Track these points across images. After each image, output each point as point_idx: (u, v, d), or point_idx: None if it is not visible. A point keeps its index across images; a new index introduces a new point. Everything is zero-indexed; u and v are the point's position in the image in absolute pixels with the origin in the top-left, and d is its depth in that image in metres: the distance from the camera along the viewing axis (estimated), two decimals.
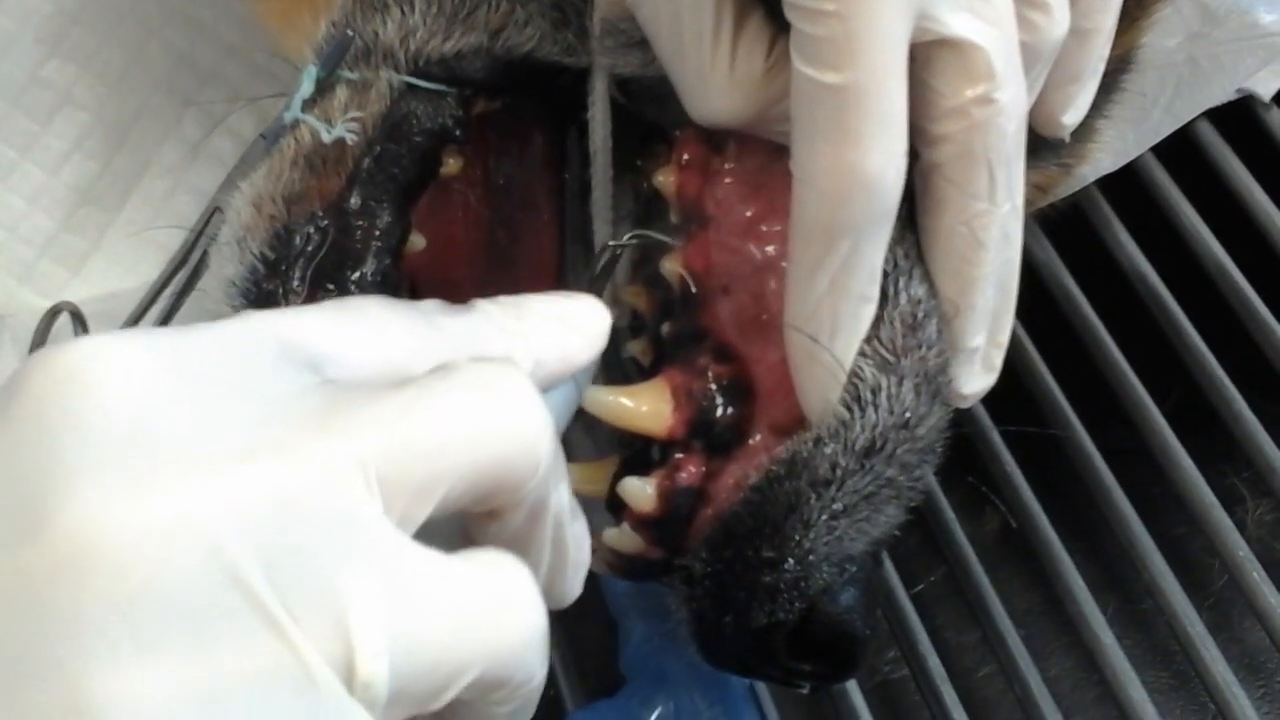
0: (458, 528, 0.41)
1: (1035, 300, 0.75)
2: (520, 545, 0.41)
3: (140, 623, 0.33)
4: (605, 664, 0.65)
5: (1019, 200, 0.51)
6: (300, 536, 0.35)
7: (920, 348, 0.51)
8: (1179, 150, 0.78)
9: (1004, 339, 0.54)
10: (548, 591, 0.42)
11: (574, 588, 0.45)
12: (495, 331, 0.43)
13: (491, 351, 0.42)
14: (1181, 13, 0.72)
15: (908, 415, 0.51)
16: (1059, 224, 0.75)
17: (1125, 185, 0.77)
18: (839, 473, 0.50)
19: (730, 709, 0.61)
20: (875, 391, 0.50)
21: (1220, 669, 0.65)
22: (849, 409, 0.50)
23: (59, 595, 0.33)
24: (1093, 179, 0.75)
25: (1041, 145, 0.61)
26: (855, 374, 0.50)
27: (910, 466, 0.51)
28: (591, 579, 0.46)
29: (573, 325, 0.45)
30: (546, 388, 0.44)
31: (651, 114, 0.55)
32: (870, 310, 0.50)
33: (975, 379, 0.54)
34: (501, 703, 0.39)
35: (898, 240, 0.51)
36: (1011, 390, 0.71)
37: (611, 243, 0.54)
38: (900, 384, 0.51)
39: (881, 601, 0.56)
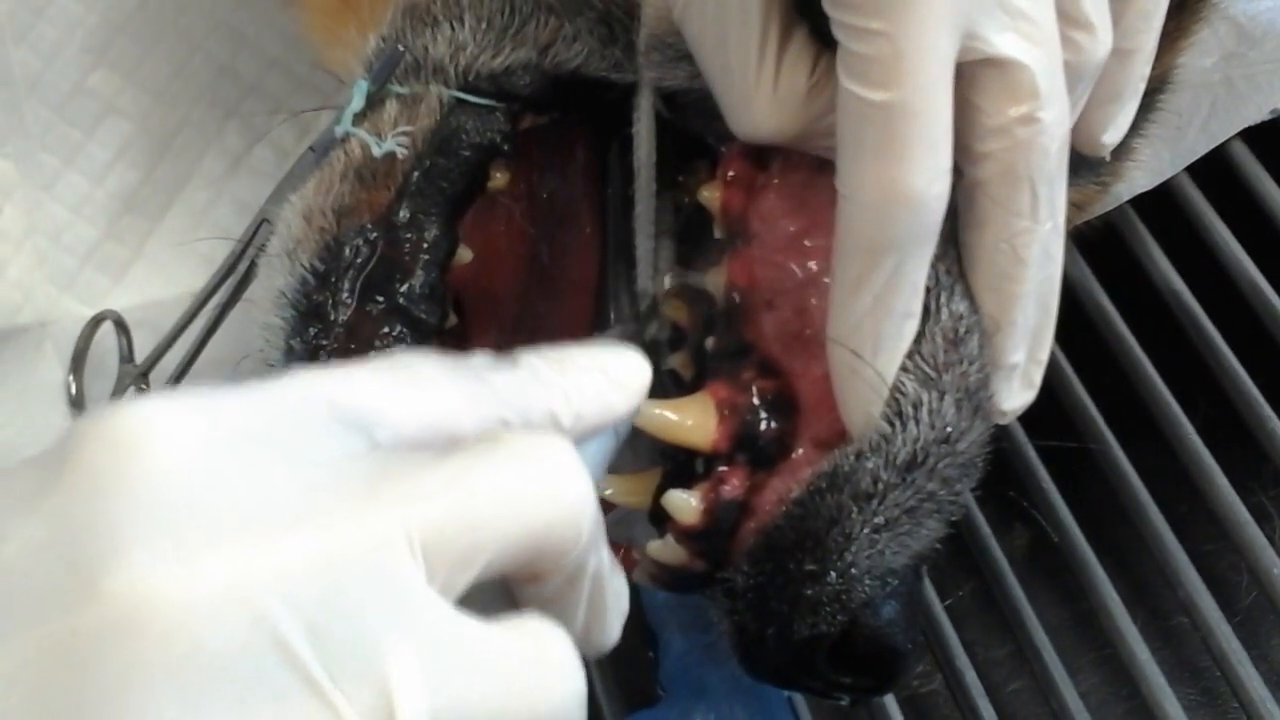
0: (500, 583, 0.42)
1: (1070, 317, 0.75)
2: (559, 603, 0.42)
3: (187, 687, 0.34)
4: (642, 676, 0.66)
5: (1060, 219, 0.51)
6: (346, 604, 0.36)
7: (962, 363, 0.51)
8: (1213, 169, 0.78)
9: (1044, 356, 0.54)
10: (584, 640, 0.43)
11: (612, 637, 0.45)
12: (540, 387, 0.44)
13: (536, 407, 0.43)
14: (1218, 33, 0.72)
15: (949, 430, 0.51)
16: (1094, 242, 0.75)
17: (1160, 204, 0.78)
18: (880, 486, 0.50)
19: None
20: (917, 406, 0.50)
21: (1255, 684, 0.65)
22: (890, 423, 0.50)
23: (108, 658, 0.34)
24: (1128, 197, 0.76)
25: (1080, 164, 0.61)
26: (897, 388, 0.50)
27: (951, 481, 0.52)
28: (631, 591, 0.47)
29: (614, 378, 0.45)
30: (586, 439, 0.44)
31: (697, 127, 0.56)
32: (913, 326, 0.50)
33: (1015, 395, 0.54)
34: None
35: (940, 256, 0.51)
36: (1046, 405, 0.71)
37: (655, 290, 0.55)
38: (942, 399, 0.51)
39: (922, 616, 0.56)
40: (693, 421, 0.52)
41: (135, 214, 0.71)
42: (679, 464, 0.54)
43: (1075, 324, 0.75)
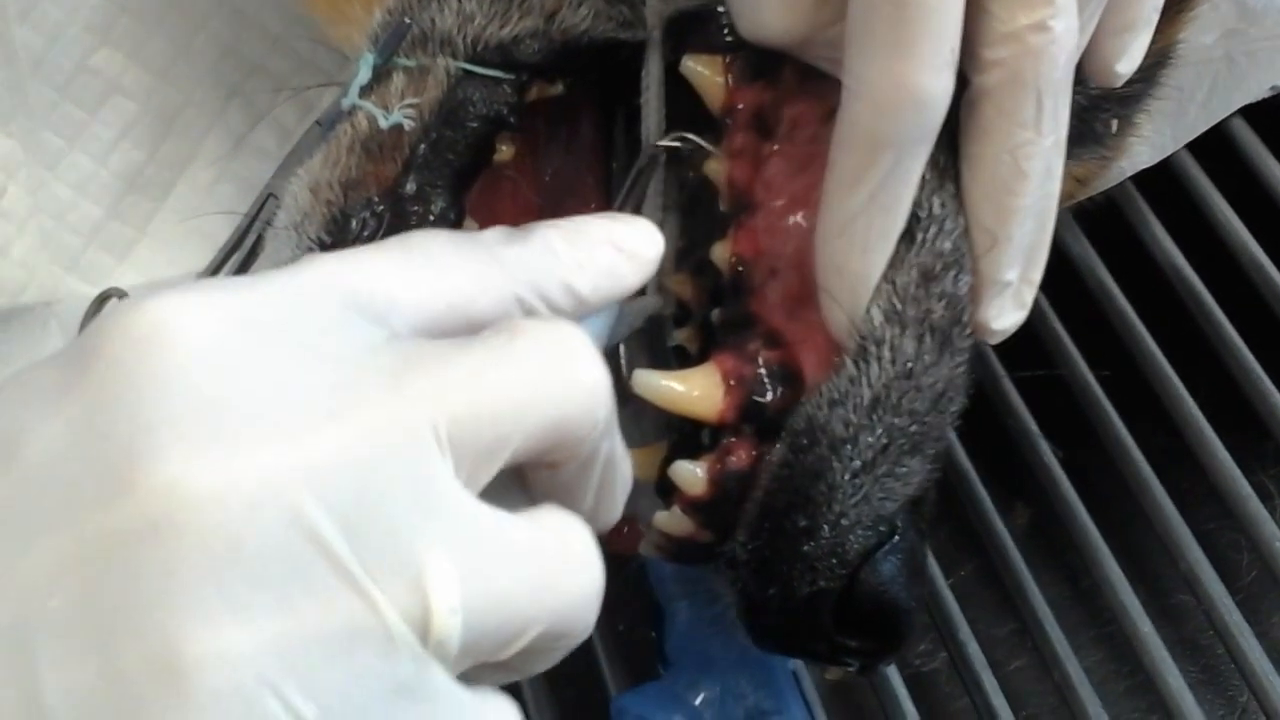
0: (512, 468, 0.42)
1: (1071, 293, 0.76)
2: (570, 487, 0.43)
3: (228, 583, 0.34)
4: (646, 649, 0.66)
5: (1063, 134, 0.51)
6: (377, 498, 0.36)
7: (930, 298, 0.51)
8: (1214, 146, 0.78)
9: (1037, 276, 0.54)
10: (590, 519, 0.43)
11: (616, 515, 0.46)
12: (553, 261, 0.44)
13: (550, 282, 0.44)
14: (1219, 9, 0.72)
15: (909, 365, 0.51)
16: (1095, 219, 0.76)
17: (1161, 181, 0.78)
18: (851, 430, 0.51)
19: (774, 693, 0.61)
20: (880, 344, 0.51)
21: (1258, 659, 0.66)
22: (856, 365, 0.51)
23: (149, 555, 0.34)
24: (1130, 173, 0.76)
25: (1085, 136, 0.62)
26: (866, 321, 0.51)
27: (919, 414, 0.52)
28: (636, 565, 0.47)
29: (626, 250, 0.46)
30: (595, 312, 0.45)
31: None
32: (898, 229, 0.50)
33: (1006, 315, 0.54)
34: (557, 651, 0.41)
35: (936, 188, 0.51)
36: (1048, 381, 0.72)
37: (656, 142, 0.55)
38: (903, 333, 0.51)
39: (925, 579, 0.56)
40: (699, 393, 0.52)
41: (139, 193, 0.71)
42: (685, 436, 0.54)
43: (1076, 300, 0.76)
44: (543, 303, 0.44)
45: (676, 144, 0.55)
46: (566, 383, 0.40)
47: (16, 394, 0.38)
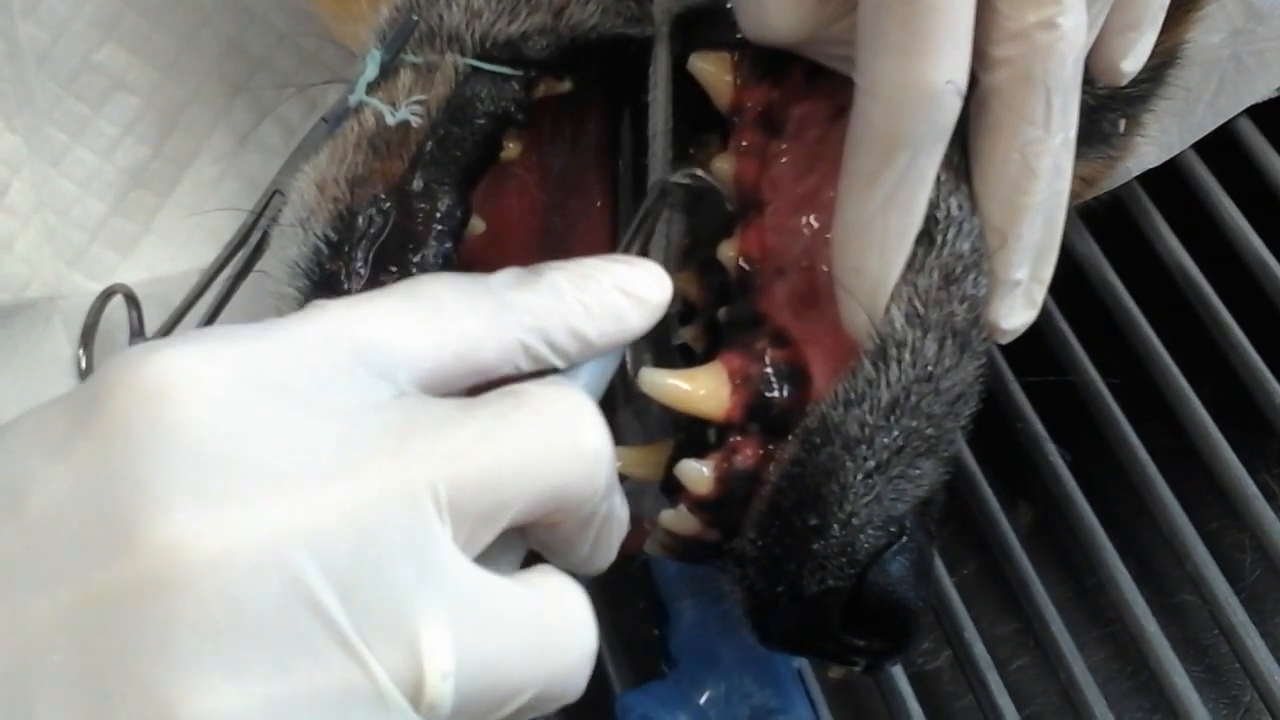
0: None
1: (1077, 293, 0.75)
2: (569, 540, 0.44)
3: (225, 645, 0.35)
4: (651, 647, 0.66)
5: (1072, 133, 0.51)
6: (375, 562, 0.37)
7: (952, 301, 0.51)
8: (1220, 146, 0.78)
9: (1047, 275, 0.54)
10: (585, 566, 0.45)
11: (609, 562, 0.47)
12: (561, 306, 0.44)
13: (557, 327, 0.44)
14: (1226, 9, 0.72)
15: (930, 368, 0.51)
16: (1101, 218, 0.75)
17: (1167, 181, 0.78)
18: (867, 431, 0.50)
19: (780, 692, 0.62)
20: (901, 346, 0.51)
21: (1263, 659, 0.66)
22: (875, 366, 0.51)
23: (148, 614, 0.35)
24: (1137, 173, 0.76)
25: (1092, 136, 0.61)
26: (886, 322, 0.51)
27: (937, 417, 0.51)
28: (640, 563, 0.47)
29: (633, 295, 0.46)
30: (599, 355, 0.46)
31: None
32: (915, 229, 0.50)
33: (1016, 314, 0.54)
34: (549, 710, 0.41)
35: (953, 189, 0.51)
36: (1053, 380, 0.72)
37: (667, 178, 0.54)
38: (925, 337, 0.51)
39: (933, 580, 0.56)
40: (705, 392, 0.52)
41: (144, 189, 0.70)
42: (691, 435, 0.54)
43: (1082, 300, 0.76)
44: (549, 349, 0.44)
45: (687, 180, 0.55)
46: (569, 450, 0.41)
47: (24, 438, 0.38)
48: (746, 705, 0.61)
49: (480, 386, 0.43)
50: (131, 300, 0.65)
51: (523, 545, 0.43)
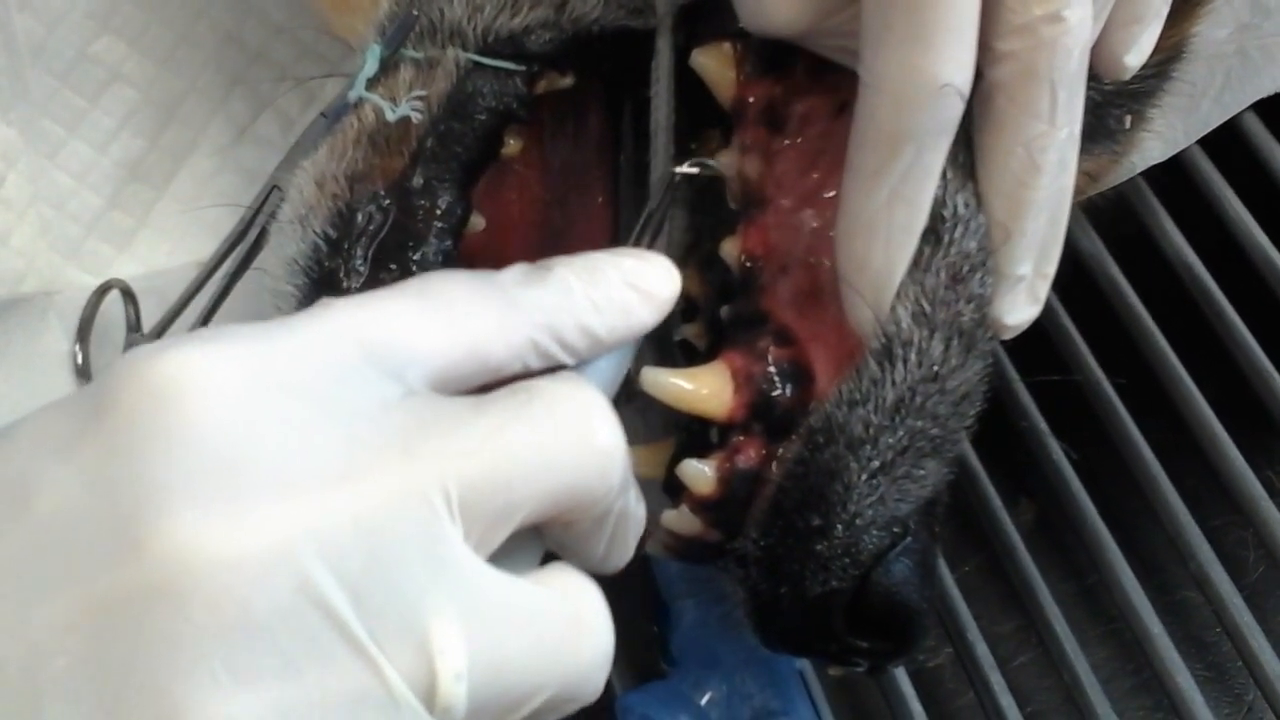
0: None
1: (1082, 289, 0.75)
2: (585, 539, 0.43)
3: (235, 648, 0.35)
4: (651, 647, 0.66)
5: (1077, 127, 0.50)
6: (386, 563, 0.37)
7: (959, 301, 0.51)
8: (1226, 141, 0.78)
9: (1050, 271, 0.54)
10: (601, 565, 0.44)
11: (627, 560, 0.46)
12: (570, 303, 0.44)
13: (567, 324, 0.44)
14: (1232, 4, 0.72)
15: (936, 369, 0.51)
16: (1106, 215, 0.75)
17: (1172, 176, 0.78)
18: (872, 431, 0.50)
19: (781, 693, 0.61)
20: (907, 345, 0.50)
21: (1268, 658, 0.66)
22: (880, 365, 0.50)
23: (157, 618, 0.35)
24: (1142, 168, 0.76)
25: (1098, 132, 0.61)
26: (891, 322, 0.50)
27: (943, 418, 0.51)
28: (641, 563, 0.47)
29: (643, 290, 0.46)
30: (608, 351, 0.45)
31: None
32: (921, 224, 0.50)
33: (1019, 310, 0.53)
34: (565, 712, 0.41)
35: (959, 187, 0.51)
36: (1056, 376, 0.71)
37: (675, 170, 0.54)
38: (931, 337, 0.51)
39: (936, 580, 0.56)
40: (708, 391, 0.52)
41: (140, 182, 0.70)
42: (694, 434, 0.54)
43: (1086, 296, 0.75)
44: (559, 345, 0.43)
45: (695, 170, 0.55)
46: (582, 448, 0.41)
47: (31, 439, 0.38)
48: (748, 706, 0.61)
49: (489, 385, 0.43)
50: (128, 295, 0.65)
51: (539, 545, 0.43)
